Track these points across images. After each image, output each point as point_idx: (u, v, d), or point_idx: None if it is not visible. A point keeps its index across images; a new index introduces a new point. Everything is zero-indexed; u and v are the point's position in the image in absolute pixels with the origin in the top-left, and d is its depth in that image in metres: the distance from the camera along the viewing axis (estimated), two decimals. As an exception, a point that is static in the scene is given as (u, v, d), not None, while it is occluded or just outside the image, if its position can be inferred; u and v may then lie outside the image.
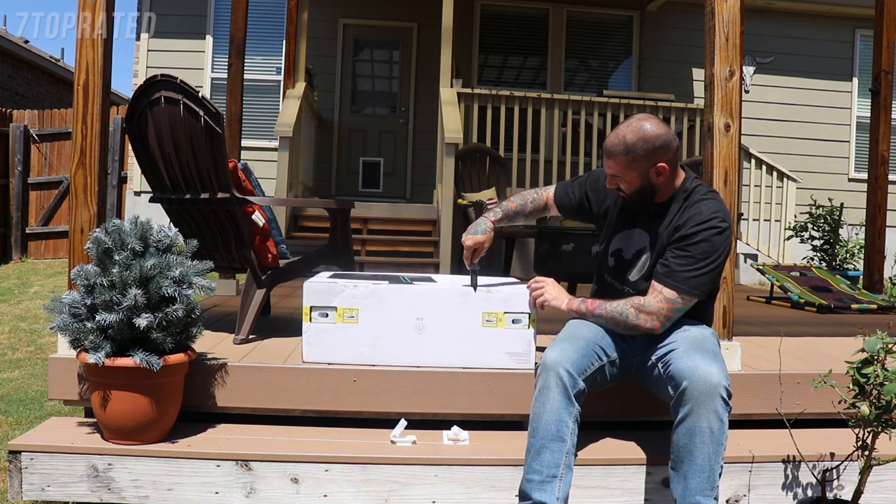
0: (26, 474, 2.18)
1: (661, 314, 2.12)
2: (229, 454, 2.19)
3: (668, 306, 2.12)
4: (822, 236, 6.97)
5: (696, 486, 1.94)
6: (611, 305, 2.17)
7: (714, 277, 2.17)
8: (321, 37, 8.27)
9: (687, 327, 2.19)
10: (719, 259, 2.13)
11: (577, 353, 2.08)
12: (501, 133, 6.74)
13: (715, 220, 2.11)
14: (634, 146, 2.10)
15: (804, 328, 3.81)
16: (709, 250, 2.10)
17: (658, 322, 2.13)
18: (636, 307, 2.14)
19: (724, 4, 2.56)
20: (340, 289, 2.29)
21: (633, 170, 2.13)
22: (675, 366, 2.01)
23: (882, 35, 4.92)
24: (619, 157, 2.12)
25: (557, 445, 1.99)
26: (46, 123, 8.68)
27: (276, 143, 6.55)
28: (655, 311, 2.12)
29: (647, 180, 2.15)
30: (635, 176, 2.14)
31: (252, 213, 2.82)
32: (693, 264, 2.10)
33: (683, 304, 2.13)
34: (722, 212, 2.14)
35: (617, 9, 8.73)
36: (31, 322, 5.33)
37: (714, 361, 1.98)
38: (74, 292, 2.19)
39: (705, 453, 1.93)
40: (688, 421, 1.94)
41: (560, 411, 2.00)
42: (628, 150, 2.11)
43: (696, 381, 1.93)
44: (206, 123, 2.60)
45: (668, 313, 2.12)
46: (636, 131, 2.10)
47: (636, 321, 2.13)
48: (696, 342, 2.08)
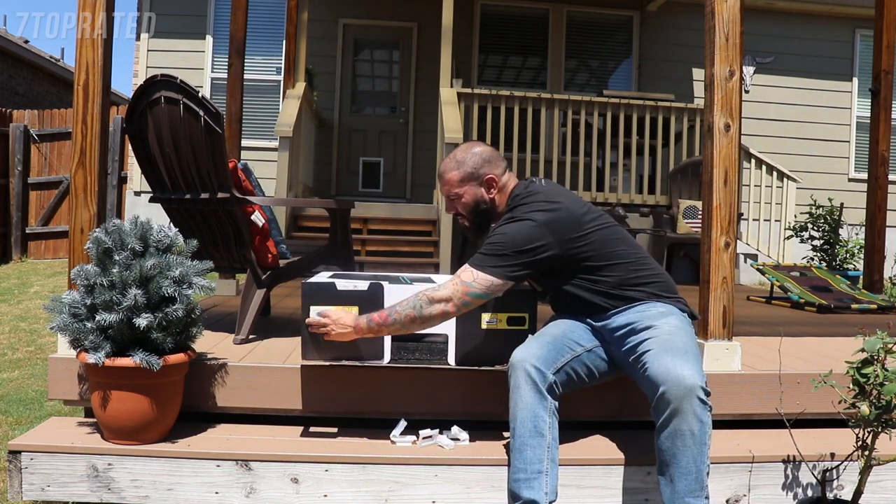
0: (26, 474, 2.18)
1: (455, 297, 2.10)
2: (229, 454, 2.19)
3: (462, 289, 2.11)
4: (822, 236, 6.97)
5: (684, 488, 1.94)
6: (401, 306, 2.13)
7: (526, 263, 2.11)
8: (321, 37, 8.27)
9: (653, 315, 2.15)
10: (527, 245, 2.10)
11: (543, 348, 2.11)
12: (501, 133, 6.74)
13: (519, 215, 2.16)
14: (463, 160, 2.30)
15: (804, 328, 3.80)
16: (507, 235, 2.12)
17: (454, 307, 2.11)
18: (428, 296, 2.10)
19: (724, 4, 2.56)
20: (339, 288, 2.29)
21: (465, 184, 2.29)
22: (650, 369, 2.00)
23: (882, 35, 4.92)
24: (452, 173, 2.29)
25: (537, 441, 2.01)
26: (46, 123, 8.68)
27: (276, 143, 6.55)
28: (449, 293, 2.10)
29: (481, 197, 2.29)
30: (468, 191, 2.29)
31: (252, 213, 2.83)
32: (492, 249, 2.12)
33: (481, 289, 2.10)
34: (532, 207, 2.16)
35: (617, 9, 8.73)
36: (31, 322, 5.33)
37: (686, 361, 1.96)
38: (74, 292, 2.19)
39: (689, 455, 1.93)
40: (669, 426, 1.94)
41: (534, 407, 2.02)
42: (459, 164, 2.30)
43: (671, 385, 1.92)
44: (206, 123, 2.60)
45: (464, 297, 2.11)
46: (465, 150, 2.32)
47: (430, 310, 2.10)
48: (666, 342, 2.05)
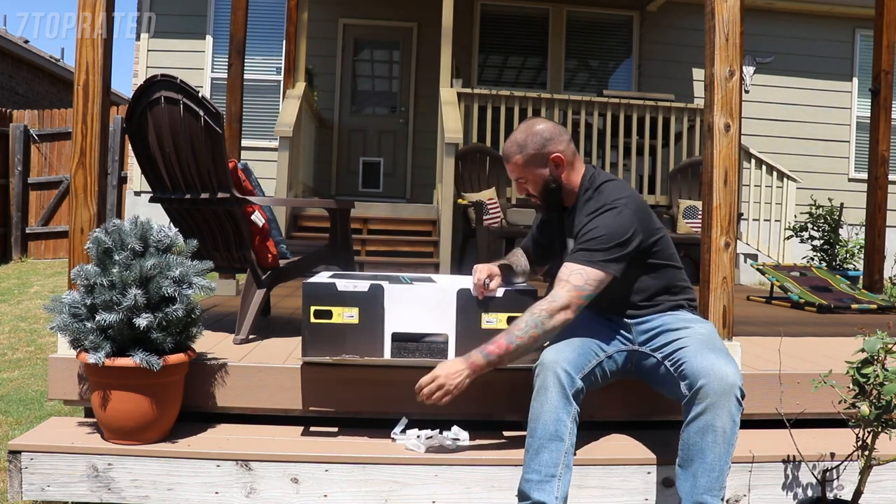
0: (26, 474, 2.18)
1: (572, 303, 2.06)
2: (229, 454, 2.19)
3: (577, 294, 2.06)
4: (822, 236, 6.97)
5: (705, 484, 1.95)
6: (519, 329, 2.06)
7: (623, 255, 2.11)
8: (321, 37, 8.26)
9: (687, 319, 2.22)
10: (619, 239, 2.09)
11: (574, 352, 2.10)
12: (501, 133, 6.74)
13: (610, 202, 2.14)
14: (525, 143, 2.24)
15: (804, 328, 3.80)
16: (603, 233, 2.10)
17: (572, 313, 2.07)
18: (547, 311, 2.05)
19: (724, 4, 2.56)
20: (340, 289, 2.29)
21: (530, 166, 2.25)
22: (689, 364, 2.02)
23: (882, 35, 4.92)
24: (516, 156, 2.25)
25: (556, 445, 1.99)
26: (46, 123, 8.68)
27: (276, 143, 6.55)
28: (566, 301, 2.05)
29: (548, 176, 2.25)
30: (534, 174, 2.26)
31: (252, 213, 2.83)
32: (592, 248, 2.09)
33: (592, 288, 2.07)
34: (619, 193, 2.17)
35: (617, 9, 8.73)
36: (31, 322, 5.33)
37: (729, 361, 2.00)
38: (74, 292, 2.19)
39: (716, 453, 1.94)
40: (701, 419, 1.95)
41: (558, 411, 2.01)
42: (521, 146, 2.24)
43: (714, 380, 1.94)
44: (206, 123, 2.60)
45: (579, 301, 2.07)
46: (525, 130, 2.26)
47: (549, 320, 2.04)
48: (706, 340, 2.10)
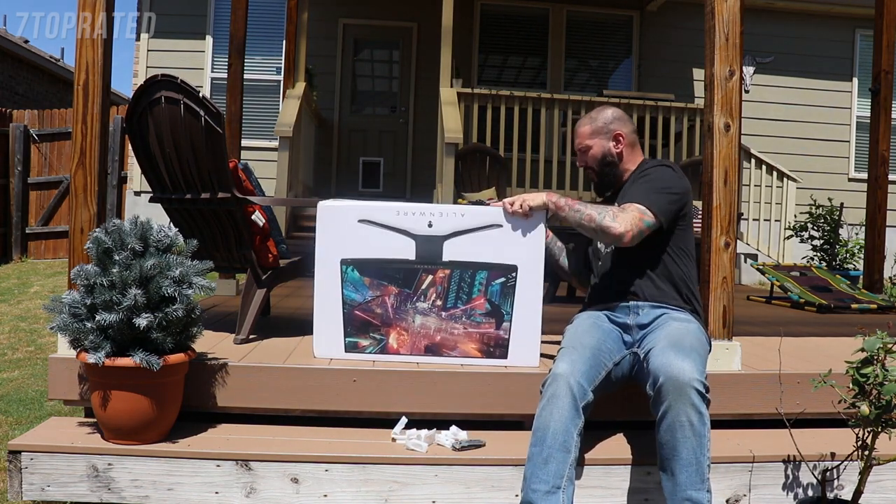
0: (26, 474, 2.18)
1: (633, 221, 2.25)
2: (229, 454, 2.19)
3: (639, 216, 2.26)
4: (822, 236, 6.97)
5: (686, 480, 1.95)
6: (589, 207, 2.31)
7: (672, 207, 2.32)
8: (321, 37, 8.27)
9: (673, 317, 2.26)
10: (676, 190, 2.34)
11: (587, 363, 2.11)
12: (501, 133, 6.74)
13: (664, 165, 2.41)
14: (596, 118, 2.51)
15: (804, 328, 3.80)
16: (662, 177, 2.36)
17: (627, 228, 2.24)
18: (613, 211, 2.27)
19: (724, 4, 2.56)
20: None
21: (595, 136, 2.49)
22: (651, 364, 2.05)
23: (882, 35, 4.92)
24: (585, 127, 2.51)
25: (563, 456, 1.99)
26: (46, 123, 8.68)
27: (276, 143, 6.56)
28: (630, 217, 2.25)
29: (609, 150, 2.47)
30: (597, 144, 2.48)
31: (252, 213, 2.83)
32: (652, 186, 2.33)
33: (651, 220, 2.27)
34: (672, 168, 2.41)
35: (617, 9, 8.73)
36: (31, 322, 5.33)
37: (687, 357, 2.00)
38: (74, 292, 2.19)
39: (689, 447, 1.94)
40: (667, 417, 1.96)
41: (567, 422, 2.00)
42: (592, 120, 2.52)
43: (669, 378, 1.96)
44: (206, 123, 2.60)
45: (640, 224, 2.25)
46: (598, 110, 2.55)
47: (611, 222, 2.24)
48: (674, 338, 2.11)
